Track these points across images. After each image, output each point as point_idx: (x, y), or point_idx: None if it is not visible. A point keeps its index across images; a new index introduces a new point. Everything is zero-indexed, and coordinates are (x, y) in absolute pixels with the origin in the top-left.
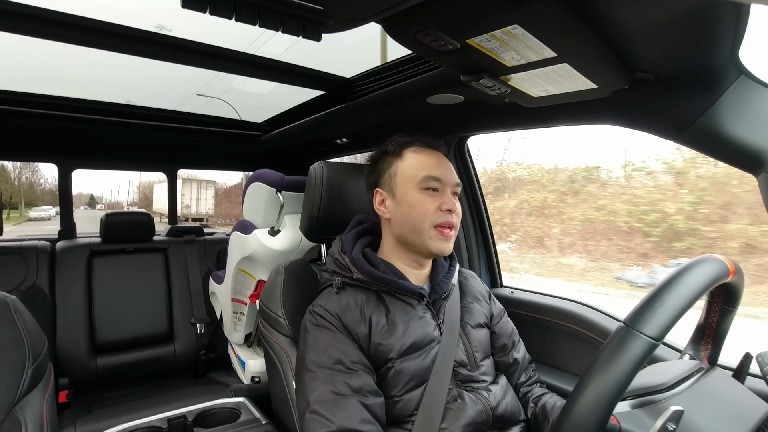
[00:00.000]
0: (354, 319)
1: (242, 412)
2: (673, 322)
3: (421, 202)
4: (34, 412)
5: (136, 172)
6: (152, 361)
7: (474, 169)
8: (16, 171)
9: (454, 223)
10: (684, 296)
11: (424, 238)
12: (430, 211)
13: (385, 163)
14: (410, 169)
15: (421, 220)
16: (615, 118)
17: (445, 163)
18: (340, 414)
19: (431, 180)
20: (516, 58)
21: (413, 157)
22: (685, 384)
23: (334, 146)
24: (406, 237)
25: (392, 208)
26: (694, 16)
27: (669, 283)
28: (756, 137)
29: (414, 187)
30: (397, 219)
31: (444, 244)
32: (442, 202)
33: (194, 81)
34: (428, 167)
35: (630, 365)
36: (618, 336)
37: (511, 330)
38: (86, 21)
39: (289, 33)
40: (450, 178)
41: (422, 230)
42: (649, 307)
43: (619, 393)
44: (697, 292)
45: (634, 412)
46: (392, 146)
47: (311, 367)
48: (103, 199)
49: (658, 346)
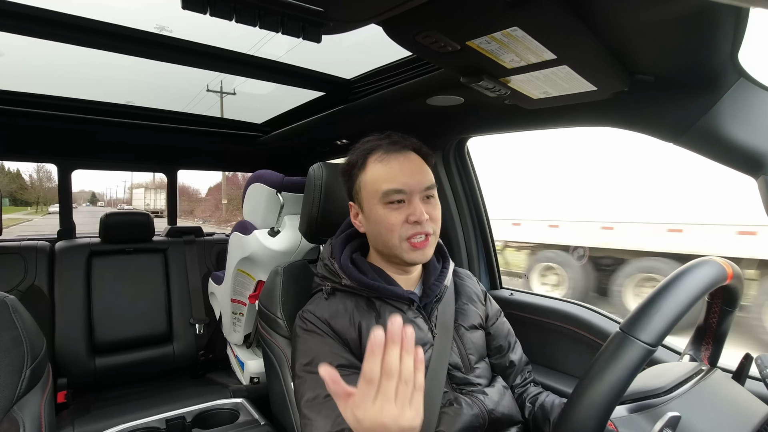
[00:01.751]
0: (343, 325)
1: (241, 412)
2: (670, 327)
3: (385, 218)
4: (33, 412)
5: (129, 174)
6: (151, 362)
7: (474, 171)
8: (37, 173)
9: (427, 232)
10: (681, 301)
11: (397, 252)
12: (396, 226)
13: (353, 175)
14: (372, 183)
15: (389, 237)
16: (615, 120)
17: (410, 167)
18: (331, 415)
19: (393, 193)
20: (516, 60)
21: (375, 168)
22: (684, 387)
23: (334, 147)
24: (381, 250)
25: (365, 223)
26: (693, 19)
27: (666, 288)
28: (755, 140)
29: (377, 203)
30: (369, 234)
31: (418, 254)
32: (409, 213)
33: (194, 82)
34: (389, 179)
35: (626, 372)
36: (614, 342)
37: (507, 331)
38: (87, 21)
39: (289, 34)
40: (416, 185)
41: (393, 245)
42: (646, 312)
43: (615, 399)
44: (694, 296)
45: (632, 417)
46: (356, 156)
47: (300, 373)
48: (105, 197)
49: (654, 351)
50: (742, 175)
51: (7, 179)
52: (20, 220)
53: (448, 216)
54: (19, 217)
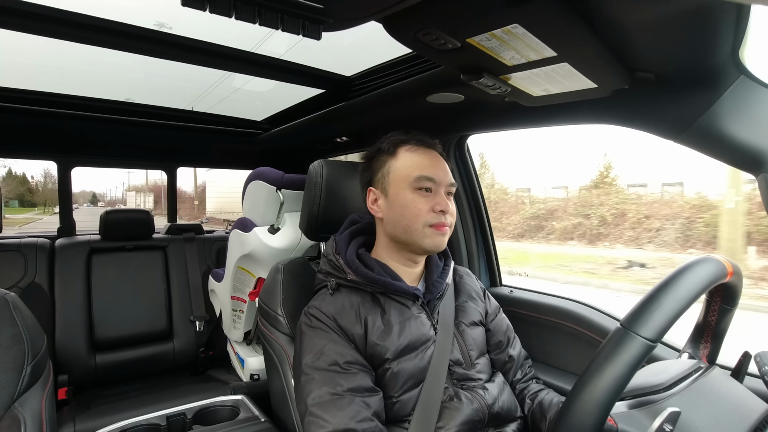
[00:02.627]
0: (350, 320)
1: (241, 409)
2: (671, 323)
3: (413, 202)
4: (33, 409)
5: (127, 177)
6: (151, 359)
7: (474, 169)
8: (43, 178)
9: (448, 223)
10: (681, 297)
11: (417, 237)
12: (423, 211)
13: (378, 161)
14: (403, 168)
15: (413, 221)
16: (615, 117)
17: (439, 163)
18: (338, 414)
19: (424, 180)
20: (516, 58)
21: (407, 156)
22: (683, 384)
23: (334, 145)
24: (398, 236)
25: (384, 208)
26: (694, 16)
27: (666, 284)
28: (756, 137)
29: (407, 187)
30: (389, 219)
31: (439, 238)
32: (435, 203)
33: (194, 79)
34: (422, 167)
35: (627, 367)
36: (615, 338)
37: (506, 327)
38: (86, 18)
39: (289, 31)
40: (444, 178)
41: (415, 230)
42: (646, 308)
43: (615, 395)
44: (694, 293)
45: (632, 413)
46: (387, 144)
47: (307, 370)
48: (105, 197)
49: (655, 347)
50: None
51: (15, 183)
52: (33, 219)
53: None
54: (32, 217)
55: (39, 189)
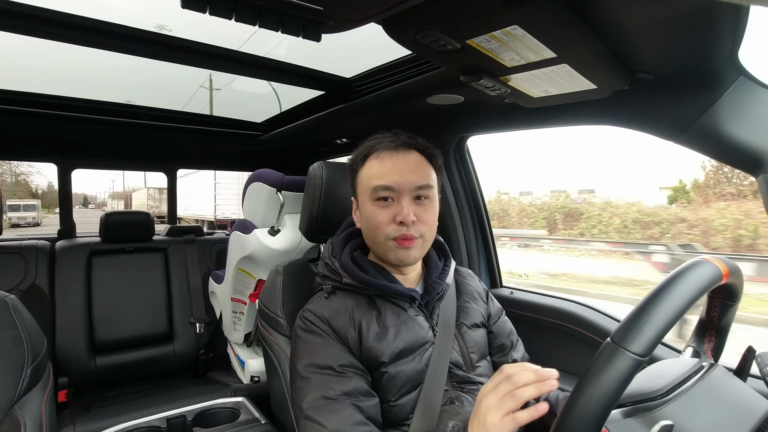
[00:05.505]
0: (343, 323)
1: (242, 411)
2: (662, 335)
3: (373, 214)
4: (33, 411)
5: (119, 179)
6: (152, 361)
7: (474, 170)
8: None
9: (412, 235)
10: (673, 308)
11: (383, 250)
12: (383, 224)
13: (354, 171)
14: (365, 178)
15: (376, 234)
16: (615, 118)
17: (404, 166)
18: (332, 418)
19: (381, 190)
20: (516, 59)
21: (371, 164)
22: (682, 388)
23: (334, 146)
24: (372, 248)
25: (360, 219)
26: (693, 17)
27: (657, 295)
28: (755, 138)
29: (368, 199)
30: (363, 230)
31: (402, 253)
32: (396, 213)
33: (194, 81)
34: (380, 175)
35: (617, 383)
36: (605, 353)
37: (509, 330)
38: (86, 21)
39: (289, 33)
40: (405, 184)
41: (379, 243)
42: (636, 322)
43: (608, 410)
44: (687, 302)
45: (627, 422)
46: (358, 152)
47: (302, 374)
48: (96, 200)
49: (644, 362)
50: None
51: (22, 189)
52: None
53: (449, 215)
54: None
55: (40, 193)
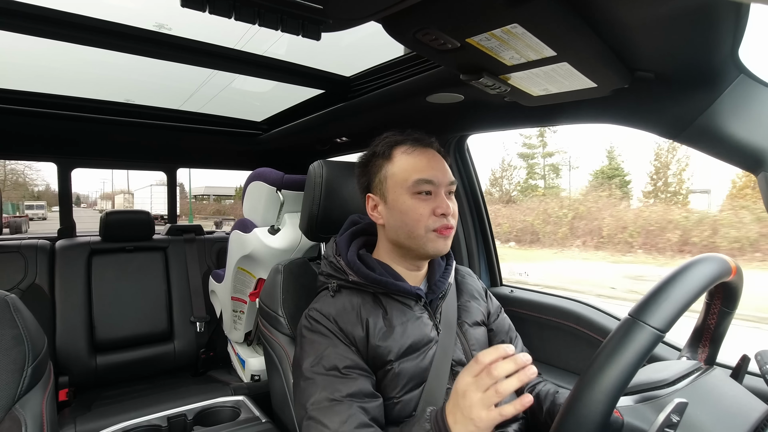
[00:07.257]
0: (350, 321)
1: (242, 410)
2: (678, 314)
3: (413, 208)
4: (34, 410)
5: (108, 179)
6: (152, 360)
7: (474, 168)
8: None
9: (451, 225)
10: (688, 290)
11: (421, 242)
12: (424, 216)
13: (375, 165)
14: (401, 172)
15: (415, 227)
16: (615, 117)
17: (437, 162)
18: (336, 419)
19: (423, 183)
20: (516, 57)
21: (403, 159)
22: (686, 381)
23: (333, 145)
24: (401, 242)
25: (385, 214)
26: (693, 15)
27: (674, 277)
28: (755, 136)
29: (405, 192)
30: (391, 225)
31: (442, 242)
32: (435, 205)
33: (194, 80)
34: (419, 169)
35: (636, 356)
36: (624, 327)
37: (508, 326)
38: (86, 20)
39: (289, 32)
40: (443, 179)
41: (418, 235)
42: (655, 299)
43: (624, 384)
44: (700, 287)
45: (638, 407)
46: (381, 147)
47: (307, 374)
48: (88, 199)
49: (663, 337)
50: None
51: (22, 189)
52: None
53: None
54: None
55: (41, 193)
